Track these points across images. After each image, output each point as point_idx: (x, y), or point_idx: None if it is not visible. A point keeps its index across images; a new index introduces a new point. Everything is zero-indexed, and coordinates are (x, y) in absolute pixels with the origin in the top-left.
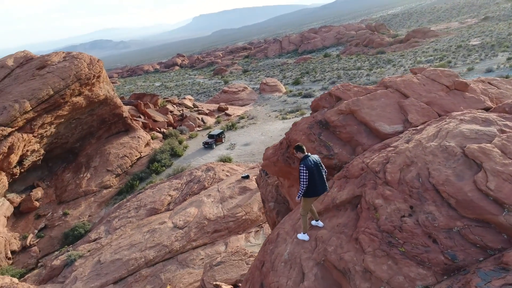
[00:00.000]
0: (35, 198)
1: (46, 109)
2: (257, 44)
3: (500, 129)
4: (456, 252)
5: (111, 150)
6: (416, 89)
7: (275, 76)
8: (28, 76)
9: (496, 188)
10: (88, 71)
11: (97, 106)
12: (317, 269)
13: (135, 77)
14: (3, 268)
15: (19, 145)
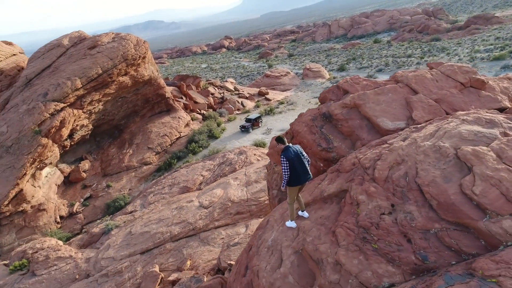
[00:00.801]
0: (82, 169)
1: (95, 87)
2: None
3: (503, 132)
4: (428, 254)
5: (153, 128)
6: (427, 85)
7: (320, 61)
8: (80, 55)
9: (481, 193)
10: (134, 52)
11: (142, 86)
12: (294, 257)
13: (183, 58)
14: (52, 231)
15: (70, 119)
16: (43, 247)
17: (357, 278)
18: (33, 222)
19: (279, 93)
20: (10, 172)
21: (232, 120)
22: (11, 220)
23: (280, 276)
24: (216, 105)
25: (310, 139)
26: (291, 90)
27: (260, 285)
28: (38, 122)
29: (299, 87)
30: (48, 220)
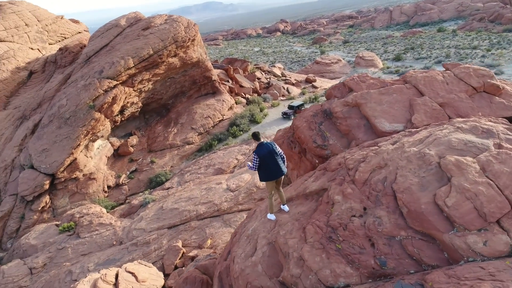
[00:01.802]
0: (130, 144)
1: (146, 66)
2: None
3: (498, 143)
4: (388, 260)
5: (198, 110)
6: (436, 87)
7: (376, 49)
8: (134, 35)
9: (453, 205)
10: (184, 34)
11: (190, 67)
12: (267, 248)
13: (238, 41)
14: (100, 199)
15: (121, 96)
16: (88, 213)
17: (316, 274)
18: (84, 189)
19: (327, 81)
20: (66, 142)
21: (276, 106)
22: (66, 185)
23: (250, 264)
24: (261, 90)
25: (307, 135)
26: (340, 79)
27: (233, 270)
28: (93, 97)
29: (349, 75)
30: (97, 189)
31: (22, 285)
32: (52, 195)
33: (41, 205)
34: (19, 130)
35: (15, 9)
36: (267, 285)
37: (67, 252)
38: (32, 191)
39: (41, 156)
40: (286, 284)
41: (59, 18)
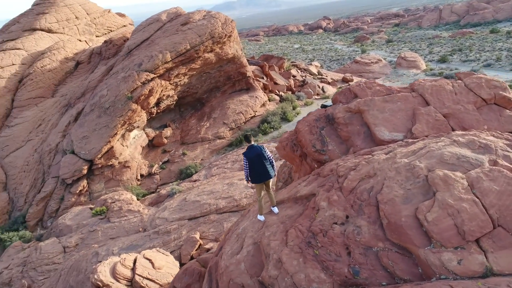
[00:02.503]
0: (164, 135)
1: (182, 61)
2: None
3: (494, 160)
4: (362, 270)
5: (231, 105)
6: (443, 97)
7: (420, 50)
8: (173, 30)
9: (433, 220)
10: (221, 30)
11: (225, 63)
12: (252, 247)
13: (279, 37)
14: (132, 186)
15: (157, 89)
16: (119, 199)
17: (292, 277)
18: (119, 176)
19: None
20: (104, 131)
21: (309, 105)
22: (102, 171)
23: (235, 261)
24: (296, 88)
25: (308, 139)
26: (379, 79)
27: (219, 266)
28: (131, 89)
29: (389, 76)
30: (130, 176)
31: (56, 262)
32: (90, 180)
33: (79, 188)
34: (64, 117)
35: (67, 3)
36: (247, 283)
37: (97, 234)
38: (72, 175)
39: (81, 142)
40: (264, 284)
41: (106, 11)
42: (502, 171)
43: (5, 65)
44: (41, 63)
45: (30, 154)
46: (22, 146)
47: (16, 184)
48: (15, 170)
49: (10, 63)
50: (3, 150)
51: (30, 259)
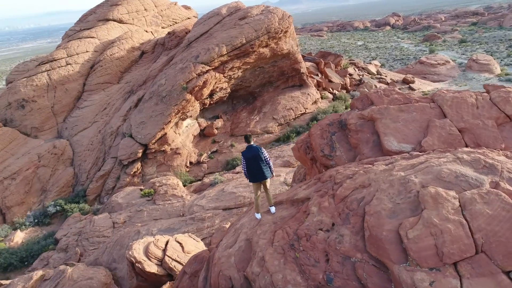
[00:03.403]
0: (215, 126)
1: (237, 55)
2: (495, 10)
3: (496, 182)
4: (336, 278)
5: (281, 101)
6: (462, 110)
7: (497, 52)
8: (231, 24)
9: (414, 238)
10: (277, 26)
11: (280, 59)
12: (244, 243)
13: (343, 33)
14: (181, 173)
15: (211, 81)
16: (166, 183)
17: (271, 277)
18: (170, 162)
19: (428, 84)
20: (160, 118)
21: None
22: (155, 156)
23: (226, 254)
24: (351, 87)
25: (318, 143)
26: (445, 82)
27: (214, 257)
28: (187, 79)
29: (456, 80)
30: (180, 163)
31: (105, 235)
32: (143, 163)
33: (133, 170)
34: (126, 103)
35: None
36: (234, 276)
37: (143, 214)
38: (128, 157)
39: (138, 127)
40: (248, 279)
41: (173, 4)
42: (500, 195)
43: (80, 52)
44: (111, 51)
45: (95, 135)
46: (89, 127)
47: (81, 161)
48: (81, 148)
49: (84, 50)
50: (73, 129)
51: (84, 230)
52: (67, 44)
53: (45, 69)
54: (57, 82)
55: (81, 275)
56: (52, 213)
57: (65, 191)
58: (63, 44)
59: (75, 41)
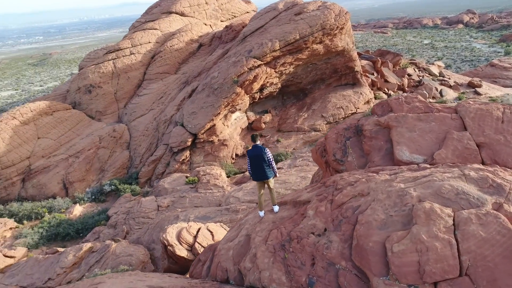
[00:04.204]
0: (263, 121)
1: (290, 51)
2: None
3: (500, 203)
4: (318, 282)
5: (332, 99)
6: (485, 123)
7: None
8: (286, 20)
9: (398, 252)
10: (333, 22)
11: (333, 56)
12: (243, 238)
13: (409, 30)
14: (227, 164)
15: (262, 76)
16: (209, 173)
17: (260, 273)
18: (216, 152)
19: (498, 89)
20: (210, 109)
21: None
22: (203, 146)
23: (226, 247)
24: (408, 88)
25: (331, 147)
26: None
27: (217, 249)
28: (238, 73)
29: None
30: (226, 154)
31: (150, 217)
32: (192, 151)
33: (182, 157)
34: (181, 93)
35: None
36: (230, 269)
37: (185, 201)
38: (178, 145)
39: (190, 117)
40: (241, 273)
41: None
42: (499, 218)
43: (143, 43)
44: (171, 42)
45: (150, 121)
46: (145, 113)
47: (136, 145)
48: (137, 133)
49: (147, 41)
50: (131, 115)
51: (132, 210)
52: (132, 35)
53: (111, 57)
54: (121, 70)
55: (123, 251)
56: (108, 192)
57: (120, 172)
58: (129, 35)
59: (140, 32)
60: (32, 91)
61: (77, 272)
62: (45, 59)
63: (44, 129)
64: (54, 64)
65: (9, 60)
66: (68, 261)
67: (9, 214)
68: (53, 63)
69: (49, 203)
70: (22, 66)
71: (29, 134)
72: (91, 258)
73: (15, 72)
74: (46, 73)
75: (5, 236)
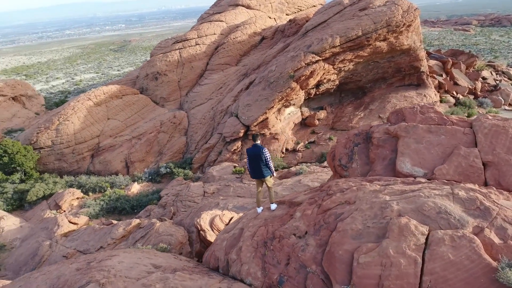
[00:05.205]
0: (317, 117)
1: (350, 47)
2: None
3: (482, 227)
4: (287, 282)
5: (392, 99)
6: (498, 141)
7: None
8: (349, 15)
9: (364, 263)
10: (400, 19)
11: (398, 54)
12: (238, 231)
13: (495, 29)
14: (276, 157)
15: (319, 72)
16: None
17: (241, 265)
18: (267, 145)
19: None
20: (264, 102)
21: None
22: None
23: (222, 238)
24: (481, 93)
25: (339, 152)
26: None
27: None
28: (295, 68)
29: None
30: (277, 148)
31: (195, 201)
32: (243, 142)
33: (234, 147)
34: (239, 84)
35: None
36: (221, 258)
37: (229, 189)
38: (231, 135)
39: (244, 109)
40: (229, 263)
41: None
42: (473, 243)
43: (209, 34)
44: (234, 35)
45: (208, 111)
46: (204, 102)
47: (193, 132)
48: (195, 121)
49: (212, 32)
50: (191, 103)
51: (181, 193)
52: (199, 26)
53: (178, 47)
54: (185, 59)
55: (165, 230)
56: (163, 173)
57: (176, 156)
58: (196, 26)
59: (206, 23)
60: (110, 75)
61: (124, 244)
62: (125, 45)
63: (113, 111)
64: (131, 50)
65: (95, 45)
66: (118, 234)
67: (78, 185)
68: (131, 50)
69: (111, 179)
70: (104, 51)
71: (101, 115)
72: (137, 233)
73: (98, 57)
74: (124, 58)
75: (72, 204)
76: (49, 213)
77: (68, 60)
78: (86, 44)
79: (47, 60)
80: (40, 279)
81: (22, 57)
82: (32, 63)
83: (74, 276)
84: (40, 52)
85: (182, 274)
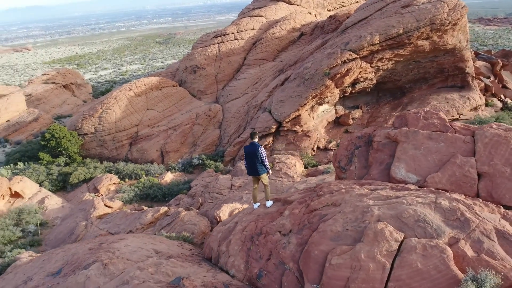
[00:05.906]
0: (352, 116)
1: (390, 45)
2: None
3: (458, 238)
4: (265, 276)
5: (432, 101)
6: (497, 152)
7: None
8: (391, 12)
9: (335, 265)
10: (445, 17)
11: (441, 54)
12: (233, 224)
13: None
14: (306, 155)
15: (355, 70)
16: (283, 162)
17: (228, 258)
18: (298, 142)
19: None
20: (297, 99)
21: None
22: (286, 134)
23: (218, 230)
24: None
25: (339, 154)
26: None
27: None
28: (330, 65)
29: None
30: (308, 146)
31: (222, 193)
32: (275, 138)
33: (265, 143)
34: (275, 80)
35: None
36: (214, 249)
37: None
38: (263, 130)
39: (277, 105)
40: (219, 254)
41: None
42: (444, 253)
43: (248, 29)
44: (273, 30)
45: (242, 105)
46: (239, 97)
47: (227, 126)
48: (229, 114)
49: (251, 27)
50: (227, 97)
51: (210, 184)
52: (239, 20)
53: (217, 41)
54: (224, 54)
55: (189, 220)
56: (195, 164)
57: (209, 148)
58: (236, 20)
59: (246, 18)
60: (154, 67)
61: (151, 230)
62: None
63: (152, 102)
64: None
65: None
66: (147, 219)
67: (116, 171)
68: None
69: (147, 167)
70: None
71: (140, 105)
72: (164, 221)
73: (144, 49)
74: (168, 51)
75: (109, 189)
76: (88, 195)
77: (117, 51)
78: (134, 36)
79: (97, 51)
80: (60, 255)
81: (76, 47)
82: (84, 53)
83: (85, 255)
84: (92, 42)
85: (174, 261)
